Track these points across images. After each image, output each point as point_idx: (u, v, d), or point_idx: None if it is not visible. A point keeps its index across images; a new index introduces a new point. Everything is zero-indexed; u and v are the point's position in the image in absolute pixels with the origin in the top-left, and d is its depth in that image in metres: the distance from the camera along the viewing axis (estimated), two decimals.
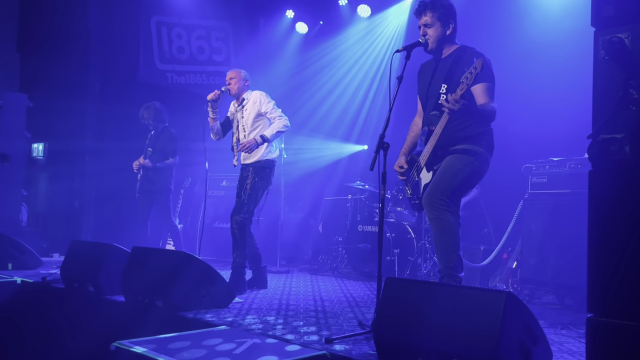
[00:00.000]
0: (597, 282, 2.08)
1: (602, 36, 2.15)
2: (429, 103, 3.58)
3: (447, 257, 3.34)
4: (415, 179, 3.73)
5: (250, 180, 4.87)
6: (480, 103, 3.35)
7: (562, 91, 5.67)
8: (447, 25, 3.53)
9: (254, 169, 4.92)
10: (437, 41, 3.55)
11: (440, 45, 3.57)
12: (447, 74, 3.48)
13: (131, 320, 3.94)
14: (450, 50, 3.61)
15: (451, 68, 3.48)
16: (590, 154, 2.13)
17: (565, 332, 3.59)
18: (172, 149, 6.53)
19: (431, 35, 3.53)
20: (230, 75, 5.12)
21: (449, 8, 3.52)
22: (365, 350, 2.90)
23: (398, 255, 6.17)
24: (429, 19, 3.51)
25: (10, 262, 5.80)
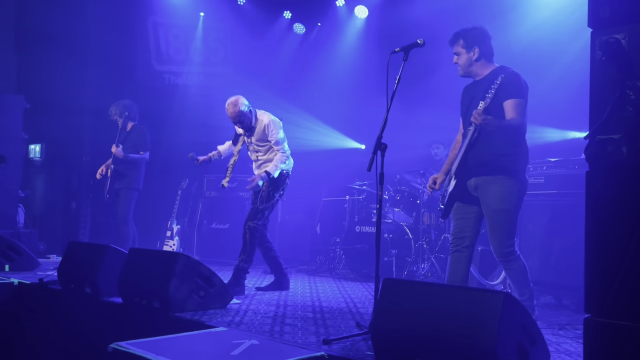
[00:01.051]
0: (594, 282, 2.08)
1: (599, 37, 2.15)
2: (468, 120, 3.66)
3: (521, 290, 3.62)
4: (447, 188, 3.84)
5: (265, 189, 5.01)
6: (509, 118, 3.49)
7: (559, 91, 5.68)
8: (472, 50, 3.68)
9: (271, 181, 5.03)
10: (465, 67, 3.74)
11: (469, 69, 3.74)
12: (485, 93, 3.56)
13: (128, 321, 3.94)
14: (488, 71, 3.71)
15: (488, 87, 3.57)
16: (587, 155, 2.13)
17: (562, 333, 3.60)
18: (143, 143, 6.38)
19: (459, 62, 3.76)
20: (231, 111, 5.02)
21: (472, 35, 3.69)
22: (363, 351, 2.90)
23: (396, 256, 6.17)
24: (456, 49, 3.75)
25: (7, 264, 5.77)
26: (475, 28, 3.73)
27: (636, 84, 2.03)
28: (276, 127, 5.05)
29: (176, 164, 8.36)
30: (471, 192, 3.65)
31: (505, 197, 3.51)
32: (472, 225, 3.68)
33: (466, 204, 3.69)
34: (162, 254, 4.53)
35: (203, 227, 7.83)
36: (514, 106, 3.50)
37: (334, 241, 7.33)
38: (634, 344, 1.94)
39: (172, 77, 8.86)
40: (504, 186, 3.51)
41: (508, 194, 3.51)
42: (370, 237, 6.37)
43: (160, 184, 8.18)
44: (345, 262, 6.82)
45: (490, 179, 3.54)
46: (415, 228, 6.49)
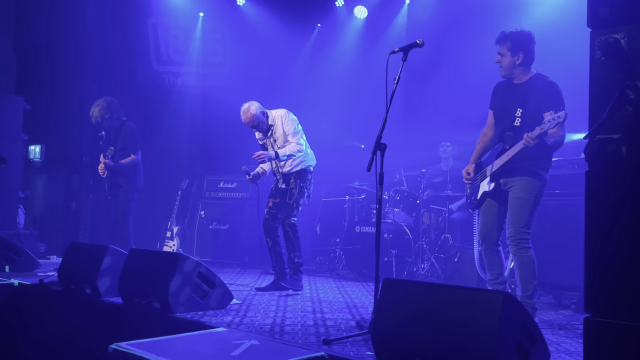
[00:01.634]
0: (594, 282, 2.08)
1: (598, 37, 2.15)
2: (503, 122, 3.93)
3: (524, 286, 3.79)
4: (477, 182, 4.12)
5: (295, 186, 5.15)
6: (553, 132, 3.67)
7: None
8: (517, 55, 3.83)
9: (297, 175, 5.18)
10: (507, 68, 3.89)
11: (511, 71, 3.89)
12: (523, 100, 3.80)
13: (129, 322, 3.94)
14: (526, 77, 3.87)
15: (527, 94, 3.80)
16: (586, 155, 2.13)
17: (562, 333, 3.60)
18: (132, 145, 6.08)
19: (502, 63, 3.91)
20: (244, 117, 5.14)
21: (518, 40, 3.82)
22: (363, 351, 2.91)
23: (395, 256, 6.17)
24: (501, 50, 3.89)
25: (7, 265, 5.78)
26: (524, 32, 3.85)
27: (635, 83, 2.03)
28: (291, 119, 5.17)
29: (176, 165, 8.36)
30: (502, 189, 3.93)
31: (528, 189, 3.78)
32: (497, 225, 4.01)
33: (496, 202, 3.99)
34: (162, 254, 4.53)
35: (204, 227, 7.84)
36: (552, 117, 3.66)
37: (334, 241, 7.33)
38: (634, 344, 1.94)
39: (171, 78, 8.86)
40: (528, 181, 3.79)
41: (531, 187, 3.78)
42: (370, 237, 6.37)
43: (160, 185, 8.17)
44: (345, 262, 6.82)
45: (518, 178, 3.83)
46: (415, 228, 6.49)
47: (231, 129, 8.20)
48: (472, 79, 6.71)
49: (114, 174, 6.10)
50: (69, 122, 8.36)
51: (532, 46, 3.85)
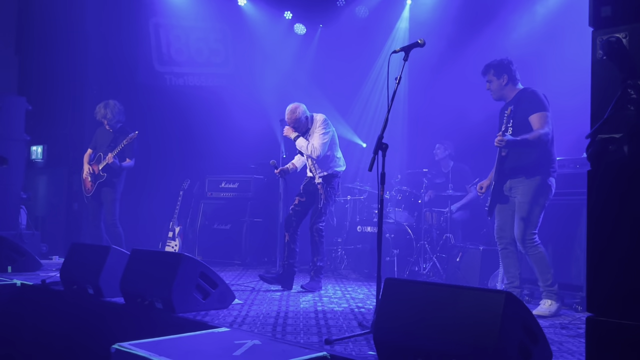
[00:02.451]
0: (596, 281, 2.08)
1: (600, 36, 2.15)
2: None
3: (543, 277, 4.22)
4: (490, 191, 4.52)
5: (323, 190, 5.33)
6: (535, 129, 4.14)
7: (560, 91, 5.68)
8: (501, 77, 4.39)
9: (325, 180, 5.34)
10: (497, 91, 4.43)
11: (500, 93, 4.43)
12: (513, 113, 4.24)
13: (131, 322, 3.95)
14: (514, 94, 4.38)
15: (515, 108, 4.25)
16: (588, 154, 2.13)
17: (565, 332, 3.60)
18: (130, 150, 6.20)
19: (492, 88, 4.45)
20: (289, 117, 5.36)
21: (499, 65, 4.40)
22: (365, 351, 2.91)
23: (397, 256, 6.17)
24: (488, 77, 4.45)
25: (9, 265, 5.79)
26: (503, 59, 4.41)
27: (637, 82, 2.03)
28: (323, 126, 5.34)
29: (177, 165, 8.37)
30: (506, 193, 4.36)
31: (527, 192, 4.19)
32: (510, 224, 4.33)
33: (504, 205, 4.40)
34: (164, 254, 4.54)
35: (205, 227, 7.84)
36: (536, 119, 4.16)
37: (336, 241, 7.32)
38: (636, 343, 1.94)
39: (173, 78, 8.86)
40: (526, 184, 4.20)
41: (529, 190, 4.19)
42: (371, 237, 6.37)
43: (162, 185, 8.18)
44: (347, 262, 6.82)
45: (518, 180, 4.26)
46: (417, 228, 6.49)
47: (233, 129, 8.22)
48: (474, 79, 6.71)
49: (111, 175, 6.15)
50: (70, 123, 8.38)
51: (513, 67, 4.38)
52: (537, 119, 4.16)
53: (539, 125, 4.14)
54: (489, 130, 6.18)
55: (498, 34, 6.70)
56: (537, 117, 4.16)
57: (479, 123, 6.57)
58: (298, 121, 5.36)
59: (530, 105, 4.21)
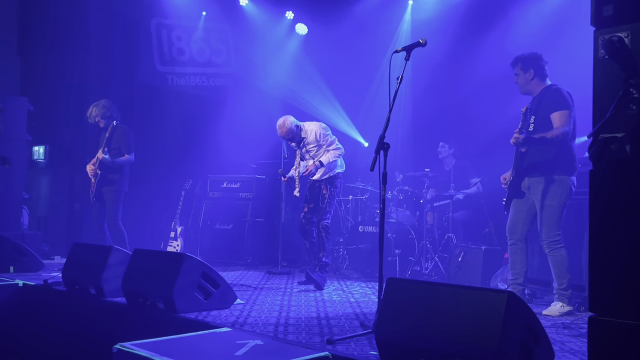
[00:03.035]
0: (598, 281, 2.07)
1: (601, 35, 2.15)
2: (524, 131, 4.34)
3: (559, 280, 4.22)
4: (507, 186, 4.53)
5: (327, 191, 5.56)
6: (555, 127, 4.13)
7: None
8: (528, 71, 4.36)
9: (327, 182, 5.58)
10: (523, 85, 4.42)
11: (526, 87, 4.42)
12: (536, 108, 4.29)
13: (133, 322, 3.95)
14: (540, 89, 4.37)
15: (539, 103, 4.29)
16: (590, 153, 2.12)
17: (567, 332, 3.59)
18: (127, 146, 6.17)
19: (519, 81, 4.43)
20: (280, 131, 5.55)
21: (527, 58, 4.37)
22: (367, 350, 2.91)
23: (399, 256, 6.17)
24: (516, 71, 4.43)
25: (12, 265, 5.79)
26: (532, 53, 4.38)
27: (639, 82, 2.03)
28: (326, 132, 5.59)
29: (179, 165, 8.37)
30: (523, 190, 4.37)
31: (550, 194, 4.20)
32: (523, 221, 4.39)
33: (520, 200, 4.41)
34: (166, 254, 4.54)
35: (207, 227, 7.84)
36: (557, 117, 4.15)
37: (338, 241, 7.32)
38: (638, 343, 1.93)
39: (174, 78, 8.87)
40: (548, 185, 4.20)
41: (552, 191, 4.19)
42: (373, 236, 6.37)
43: (164, 185, 8.19)
44: (349, 262, 6.82)
45: (537, 180, 4.26)
46: (419, 227, 6.49)
47: (235, 129, 8.22)
48: (476, 78, 6.71)
49: (107, 174, 6.12)
50: (72, 123, 8.38)
51: (542, 63, 4.33)
52: (557, 117, 4.14)
53: (559, 123, 4.12)
54: (492, 129, 6.21)
55: (501, 33, 6.69)
56: (558, 115, 4.14)
57: (481, 122, 6.57)
58: (290, 132, 5.53)
59: (552, 102, 4.19)
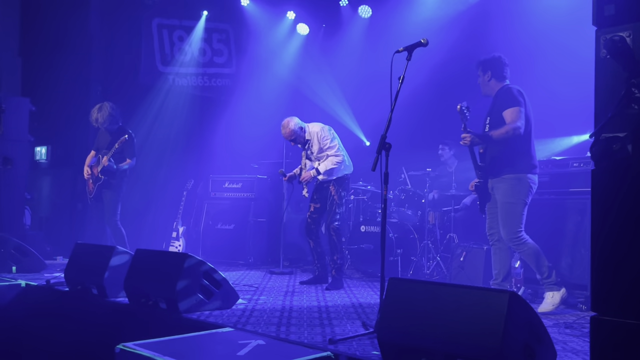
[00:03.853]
0: (600, 281, 2.07)
1: (603, 35, 2.15)
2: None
3: (539, 270, 4.28)
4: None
5: (335, 193, 5.53)
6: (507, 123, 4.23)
7: (564, 89, 5.67)
8: (486, 73, 4.51)
9: (335, 183, 5.55)
10: (482, 86, 4.57)
11: (485, 89, 4.56)
12: (491, 109, 4.47)
13: (135, 322, 3.95)
14: (496, 90, 4.49)
15: (494, 104, 4.46)
16: (592, 153, 2.12)
17: (569, 332, 3.59)
18: (130, 150, 6.16)
19: (480, 82, 4.58)
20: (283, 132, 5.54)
21: (485, 61, 4.53)
22: (369, 350, 2.91)
23: (401, 256, 6.17)
24: (478, 72, 4.59)
25: (14, 265, 5.81)
26: (492, 56, 4.52)
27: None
28: (326, 134, 5.54)
29: (181, 165, 8.38)
30: (490, 192, 4.45)
31: (508, 192, 4.27)
32: (497, 221, 4.41)
33: (490, 202, 4.48)
34: (168, 254, 4.54)
35: (209, 228, 7.85)
36: (507, 114, 4.26)
37: None
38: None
39: (176, 79, 8.88)
40: (506, 183, 4.28)
41: (510, 189, 4.26)
42: (375, 236, 6.37)
43: (165, 185, 8.20)
44: (351, 261, 6.83)
45: (497, 180, 4.35)
46: (421, 227, 6.49)
47: (236, 129, 8.23)
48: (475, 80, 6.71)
49: (109, 178, 6.12)
50: (74, 124, 8.40)
51: (500, 65, 4.47)
52: (509, 114, 4.25)
53: (510, 119, 4.24)
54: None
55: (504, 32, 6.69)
56: (509, 113, 4.26)
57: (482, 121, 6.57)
58: (294, 134, 5.50)
59: (504, 101, 4.32)
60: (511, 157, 4.26)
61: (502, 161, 4.29)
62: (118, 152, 6.13)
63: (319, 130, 5.54)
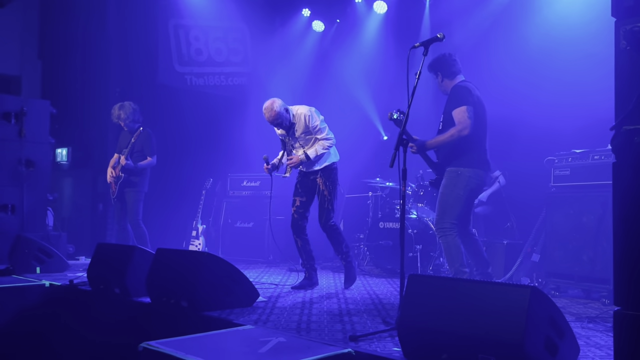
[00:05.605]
0: (623, 274, 2.05)
1: (623, 26, 2.12)
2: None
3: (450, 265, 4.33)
4: None
5: (324, 187, 5.13)
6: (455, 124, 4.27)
7: (584, 82, 5.60)
8: (437, 75, 4.54)
9: (323, 174, 5.14)
10: (439, 88, 4.60)
11: (441, 89, 4.58)
12: (444, 108, 4.46)
13: (157, 321, 3.99)
14: (449, 89, 4.50)
15: (446, 103, 4.45)
16: (613, 146, 2.10)
17: (592, 326, 3.56)
18: (150, 148, 6.29)
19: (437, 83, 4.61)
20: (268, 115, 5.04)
21: (432, 63, 4.53)
22: (390, 347, 2.91)
23: (420, 252, 6.15)
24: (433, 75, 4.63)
25: (38, 266, 5.90)
26: (439, 57, 4.51)
27: None
28: (315, 116, 5.09)
29: (199, 164, 8.44)
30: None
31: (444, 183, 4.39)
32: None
33: None
34: (188, 253, 4.58)
35: (228, 226, 7.89)
36: (455, 115, 4.29)
37: (358, 238, 7.32)
38: None
39: (193, 78, 8.93)
40: (446, 176, 4.39)
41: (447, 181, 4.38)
42: (394, 232, 6.36)
43: (185, 184, 8.26)
44: (370, 258, 6.82)
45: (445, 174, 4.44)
46: None
47: (253, 127, 8.26)
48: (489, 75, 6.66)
49: (130, 177, 6.23)
50: (93, 125, 8.49)
51: (447, 63, 4.46)
52: (455, 114, 4.28)
53: (456, 120, 4.27)
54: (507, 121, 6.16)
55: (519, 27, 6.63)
56: (456, 113, 4.28)
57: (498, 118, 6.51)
58: (279, 116, 5.03)
59: (451, 101, 4.36)
60: (456, 152, 4.33)
61: (449, 157, 4.39)
62: (138, 150, 6.25)
63: (307, 111, 5.09)
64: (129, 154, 6.18)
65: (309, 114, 5.07)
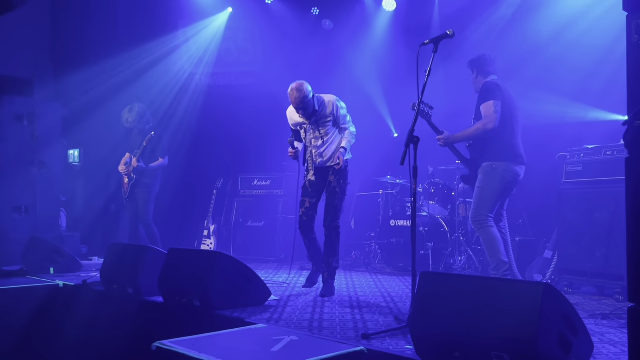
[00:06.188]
0: (637, 270, 2.03)
1: (635, 20, 2.10)
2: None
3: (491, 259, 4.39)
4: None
5: (336, 184, 4.81)
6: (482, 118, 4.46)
7: (595, 77, 5.56)
8: (473, 72, 4.79)
9: (336, 172, 4.83)
10: (473, 84, 4.80)
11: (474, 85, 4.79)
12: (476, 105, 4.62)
13: (170, 320, 4.02)
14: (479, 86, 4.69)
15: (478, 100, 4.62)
16: (626, 141, 2.08)
17: (606, 323, 3.53)
18: (161, 149, 6.34)
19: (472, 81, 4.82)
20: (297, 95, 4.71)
21: (472, 61, 4.79)
22: (402, 345, 2.91)
23: (432, 249, 6.13)
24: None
25: (52, 267, 5.95)
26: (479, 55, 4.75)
27: None
28: (341, 106, 4.88)
29: (210, 164, 8.46)
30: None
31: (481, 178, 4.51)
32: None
33: None
34: (201, 253, 4.60)
35: (239, 225, 7.92)
36: (482, 109, 4.48)
37: (369, 236, 7.32)
38: None
39: (203, 78, 8.96)
40: (482, 171, 4.52)
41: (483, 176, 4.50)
42: (405, 230, 6.34)
43: (196, 184, 8.29)
44: (381, 256, 6.81)
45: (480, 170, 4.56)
46: (451, 220, 6.44)
47: (264, 127, 8.27)
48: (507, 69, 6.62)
49: (141, 178, 6.28)
50: (104, 126, 8.54)
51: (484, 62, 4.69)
52: (483, 110, 4.46)
53: (483, 114, 4.46)
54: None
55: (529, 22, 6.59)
56: (483, 107, 4.46)
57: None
58: (306, 100, 4.71)
59: (481, 96, 4.54)
60: (489, 148, 4.47)
61: (482, 152, 4.53)
62: (150, 151, 6.27)
63: (335, 100, 4.84)
64: (140, 155, 6.21)
65: (336, 102, 4.85)
